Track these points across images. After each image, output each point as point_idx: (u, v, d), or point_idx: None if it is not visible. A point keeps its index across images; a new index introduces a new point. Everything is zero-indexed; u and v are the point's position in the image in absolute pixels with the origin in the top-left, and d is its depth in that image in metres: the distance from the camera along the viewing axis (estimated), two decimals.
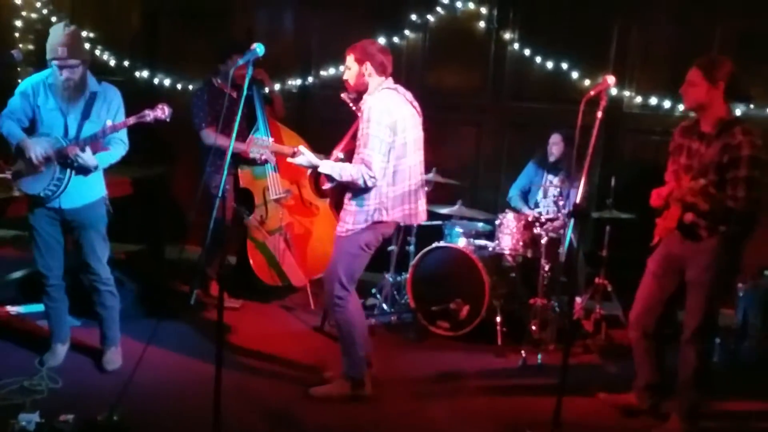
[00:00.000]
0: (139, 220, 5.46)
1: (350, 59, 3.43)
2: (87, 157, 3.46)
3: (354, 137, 3.45)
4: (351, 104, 3.54)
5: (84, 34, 5.81)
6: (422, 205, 3.57)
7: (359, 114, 3.44)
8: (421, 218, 3.59)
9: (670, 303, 3.44)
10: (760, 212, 3.15)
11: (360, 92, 3.45)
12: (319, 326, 4.63)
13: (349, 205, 3.43)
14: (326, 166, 3.35)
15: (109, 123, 3.51)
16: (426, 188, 3.77)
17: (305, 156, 3.38)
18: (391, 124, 3.31)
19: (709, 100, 3.18)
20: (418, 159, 3.51)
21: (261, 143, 3.47)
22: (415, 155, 3.48)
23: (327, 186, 3.44)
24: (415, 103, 3.54)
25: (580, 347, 4.53)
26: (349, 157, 3.46)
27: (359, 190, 3.36)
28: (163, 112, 3.51)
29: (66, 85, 3.47)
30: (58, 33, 3.44)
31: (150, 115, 3.50)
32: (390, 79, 3.48)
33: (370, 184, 3.30)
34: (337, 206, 3.66)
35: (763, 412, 3.82)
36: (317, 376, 3.83)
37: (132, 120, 3.51)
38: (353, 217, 3.40)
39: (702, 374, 3.31)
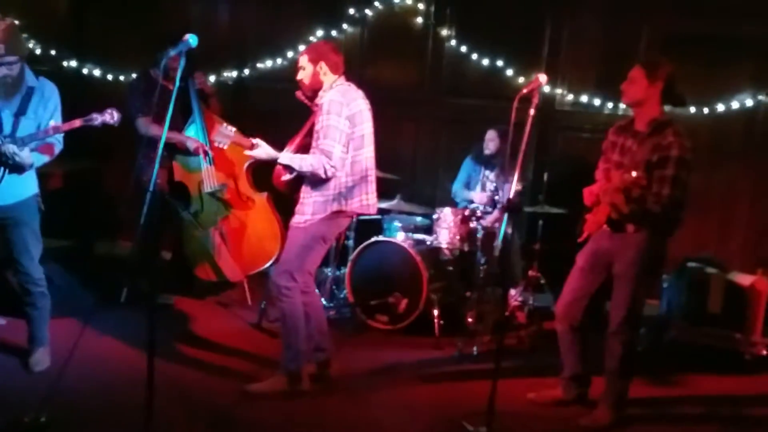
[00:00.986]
0: (68, 214, 5.27)
1: (304, 60, 3.53)
2: (25, 155, 3.32)
3: (308, 135, 3.52)
4: (307, 102, 3.61)
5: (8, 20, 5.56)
6: (374, 197, 3.64)
7: (315, 111, 3.51)
8: (374, 209, 3.67)
9: (596, 296, 3.56)
10: (682, 212, 3.29)
11: (315, 90, 3.54)
12: (256, 322, 4.59)
13: (308, 195, 3.48)
14: (285, 158, 3.42)
15: (52, 123, 3.40)
16: None
17: (263, 148, 3.43)
18: (350, 116, 3.42)
19: (647, 98, 3.30)
20: (371, 152, 3.60)
21: (226, 132, 3.42)
22: (369, 147, 3.57)
23: (286, 177, 3.48)
24: (366, 100, 3.61)
25: (514, 338, 4.64)
26: (302, 153, 3.49)
27: (318, 181, 3.42)
28: (111, 117, 3.41)
29: (3, 82, 3.32)
30: None
31: (98, 119, 3.40)
32: (343, 77, 3.56)
33: (329, 174, 3.37)
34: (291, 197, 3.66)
35: (686, 398, 4.00)
36: (254, 373, 3.79)
37: (78, 122, 3.39)
38: (312, 207, 3.46)
39: (628, 364, 3.44)
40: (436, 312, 4.58)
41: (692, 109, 5.28)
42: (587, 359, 3.64)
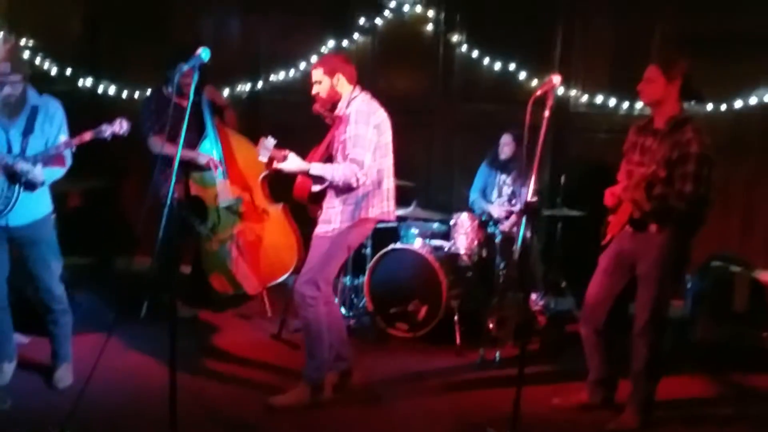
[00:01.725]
0: (86, 232, 5.32)
1: (318, 73, 3.52)
2: (37, 173, 3.36)
3: (327, 148, 3.53)
4: (325, 116, 3.62)
5: (23, 41, 5.64)
6: (393, 204, 3.66)
7: (335, 123, 3.52)
8: (393, 216, 3.69)
9: (621, 298, 3.51)
10: (706, 209, 3.25)
11: (333, 103, 3.55)
12: (276, 334, 4.58)
13: (335, 204, 3.49)
14: (317, 168, 3.42)
15: (63, 139, 3.42)
16: None
17: (294, 160, 3.41)
18: (376, 125, 3.45)
19: (665, 97, 3.27)
20: (391, 160, 3.61)
21: (267, 145, 3.42)
22: (390, 156, 3.59)
23: (316, 188, 3.48)
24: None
25: (537, 343, 4.60)
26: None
27: (344, 190, 3.44)
28: (121, 127, 3.44)
29: (7, 101, 3.36)
30: None
31: (107, 130, 3.42)
32: (358, 87, 3.57)
33: (360, 183, 3.39)
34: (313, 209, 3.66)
35: (713, 398, 3.95)
36: (276, 384, 3.78)
37: (88, 135, 3.42)
38: (340, 216, 3.47)
39: (654, 366, 3.39)
40: (456, 318, 4.55)
41: (710, 106, 5.22)
42: (613, 362, 3.59)
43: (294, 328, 4.59)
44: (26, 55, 5.22)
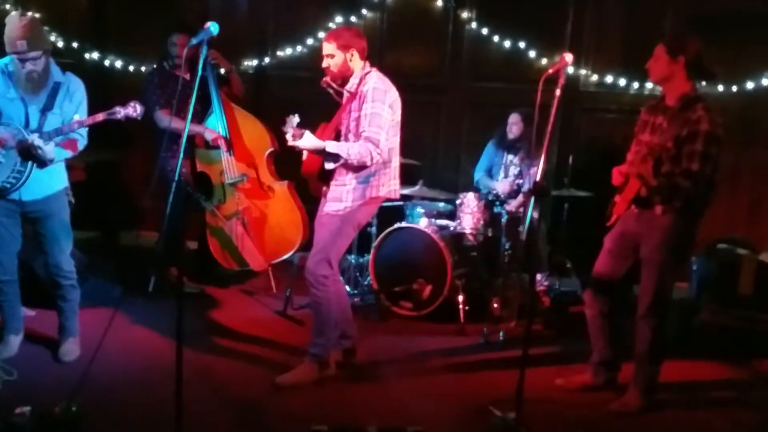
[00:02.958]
0: (92, 206, 5.32)
1: (331, 47, 3.45)
2: (47, 149, 3.34)
3: (336, 126, 3.50)
4: (334, 91, 3.58)
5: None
6: (398, 182, 3.65)
7: (347, 98, 3.49)
8: (398, 195, 3.68)
9: (625, 280, 3.51)
10: (712, 191, 3.22)
11: (345, 78, 3.50)
12: (281, 310, 4.60)
13: (345, 183, 3.47)
14: (333, 146, 3.39)
15: (76, 118, 3.41)
16: None
17: (309, 138, 3.37)
18: (391, 103, 3.42)
19: (671, 74, 3.26)
20: (398, 139, 3.59)
21: (292, 122, 3.40)
22: (398, 134, 3.57)
23: (330, 166, 3.45)
24: None
25: (540, 324, 4.60)
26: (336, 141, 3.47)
27: (356, 168, 3.42)
28: (134, 110, 3.43)
29: (29, 77, 3.34)
30: (14, 25, 3.27)
31: (121, 112, 3.41)
32: (368, 63, 3.53)
33: (375, 161, 3.38)
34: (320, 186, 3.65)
35: (717, 381, 3.95)
36: (281, 360, 3.80)
37: (101, 116, 3.40)
38: (351, 194, 3.46)
39: (657, 348, 3.39)
40: (460, 298, 4.55)
41: (720, 88, 5.17)
42: (616, 344, 3.59)
43: (298, 304, 4.61)
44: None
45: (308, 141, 3.37)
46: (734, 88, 5.19)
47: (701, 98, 3.23)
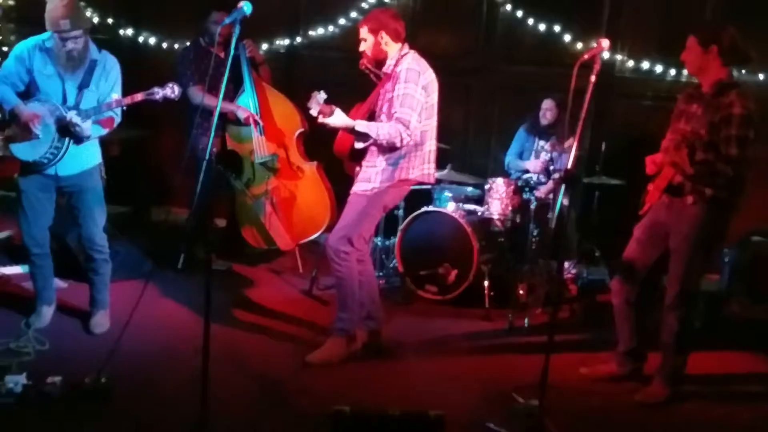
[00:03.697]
0: (124, 181, 5.39)
1: (364, 31, 3.48)
2: (86, 127, 3.40)
3: (371, 104, 3.50)
4: (372, 72, 3.57)
5: None
6: (434, 167, 3.64)
7: (382, 80, 3.47)
8: (433, 179, 3.68)
9: (653, 269, 3.46)
10: (749, 173, 3.16)
11: (380, 61, 3.49)
12: (307, 290, 4.63)
13: (376, 163, 3.47)
14: (362, 126, 3.40)
15: (115, 97, 3.46)
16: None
17: (340, 116, 3.40)
18: (425, 85, 3.41)
19: (704, 64, 3.21)
20: (435, 122, 3.57)
21: (318, 98, 3.41)
22: (434, 117, 3.55)
23: (359, 145, 3.47)
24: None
25: (567, 312, 4.57)
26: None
27: (386, 149, 3.42)
28: (173, 91, 3.48)
29: (69, 56, 3.39)
30: (55, 4, 3.31)
31: (159, 93, 3.46)
32: (406, 45, 3.51)
33: (405, 142, 3.37)
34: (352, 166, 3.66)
35: (744, 375, 3.89)
36: (306, 338, 3.84)
37: (140, 96, 3.45)
38: (380, 175, 3.46)
39: (683, 339, 3.35)
40: (486, 283, 4.54)
41: (761, 76, 5.03)
42: (642, 334, 3.55)
43: (324, 285, 4.63)
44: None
45: (338, 119, 3.38)
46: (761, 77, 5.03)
47: (736, 84, 3.19)
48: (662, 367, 3.43)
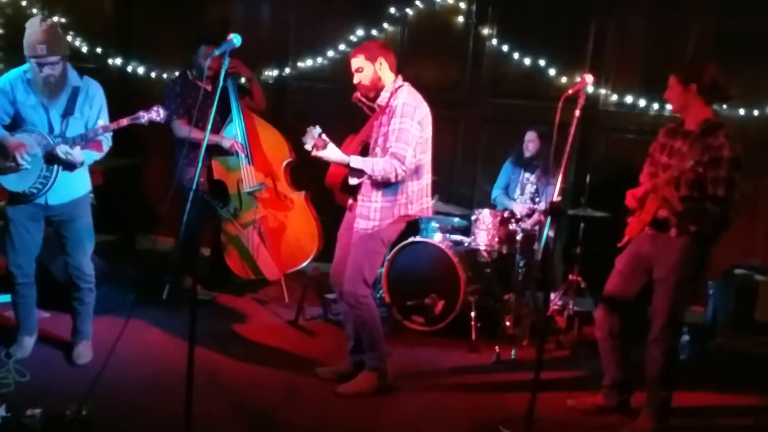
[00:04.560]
0: (110, 210, 5.36)
1: (359, 60, 3.45)
2: (76, 154, 3.40)
3: (365, 137, 3.49)
4: (366, 105, 3.55)
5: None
6: (430, 200, 3.64)
7: (377, 112, 3.47)
8: (431, 212, 3.68)
9: (636, 301, 3.48)
10: (735, 215, 3.20)
11: (377, 90, 3.47)
12: (293, 320, 4.60)
13: (373, 200, 3.44)
14: (357, 162, 3.37)
15: (101, 123, 3.45)
16: None
17: (333, 150, 3.36)
18: (420, 120, 3.40)
19: (686, 102, 3.27)
20: (430, 155, 3.57)
21: (313, 133, 3.40)
22: (429, 151, 3.55)
23: (354, 181, 3.44)
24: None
25: (553, 343, 4.56)
26: (362, 155, 3.47)
27: (384, 186, 3.40)
28: (158, 114, 3.47)
29: (46, 81, 3.37)
30: (34, 29, 3.31)
31: (144, 117, 3.45)
32: (400, 77, 3.52)
33: (400, 178, 3.35)
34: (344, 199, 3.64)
35: (731, 407, 3.89)
36: (290, 370, 3.81)
37: (125, 121, 3.45)
38: (379, 213, 3.43)
39: (669, 372, 3.35)
40: (473, 314, 4.53)
41: (741, 111, 5.13)
42: (628, 366, 3.55)
43: (310, 315, 4.61)
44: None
45: (332, 153, 3.36)
46: (756, 112, 5.14)
47: (722, 125, 3.22)
48: (649, 400, 3.41)
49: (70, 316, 3.77)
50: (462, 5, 5.57)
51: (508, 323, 4.55)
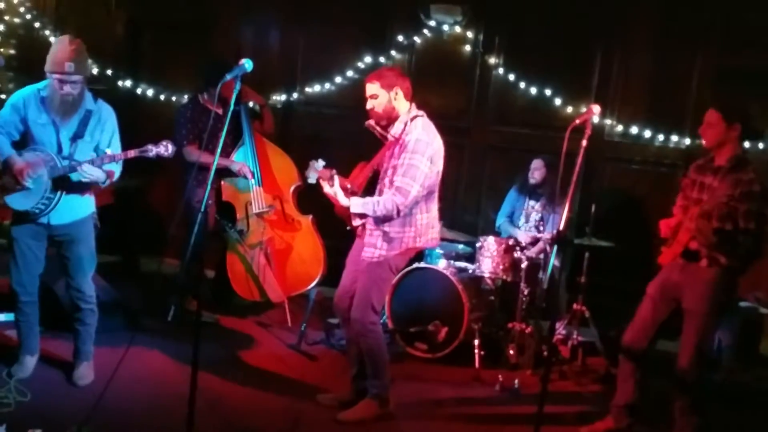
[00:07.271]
0: (116, 230, 5.38)
1: (374, 87, 3.41)
2: (91, 170, 3.38)
3: (375, 167, 3.50)
4: (378, 132, 3.53)
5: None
6: (438, 229, 3.64)
7: (389, 144, 3.45)
8: (438, 242, 3.68)
9: (661, 328, 3.51)
10: (764, 247, 3.25)
11: (391, 119, 3.44)
12: (295, 344, 4.57)
13: (381, 230, 3.43)
14: (358, 206, 3.34)
15: (108, 152, 3.45)
16: None
17: (339, 191, 3.36)
18: (432, 155, 3.37)
19: (725, 139, 3.33)
20: (438, 185, 3.55)
21: (316, 166, 3.41)
22: (438, 182, 3.53)
23: (357, 223, 3.45)
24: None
25: (557, 373, 4.53)
26: (371, 183, 3.50)
27: (391, 217, 3.38)
28: (166, 149, 3.46)
29: (64, 100, 3.38)
30: (64, 46, 3.34)
31: (152, 150, 3.45)
32: (414, 105, 3.50)
33: (401, 214, 3.34)
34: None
35: None
36: (291, 395, 3.78)
37: (133, 153, 3.45)
38: (387, 243, 3.42)
39: (700, 400, 3.38)
40: (476, 342, 4.51)
41: (746, 144, 5.13)
42: (642, 390, 3.57)
43: (312, 340, 4.59)
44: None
45: (338, 196, 3.35)
46: (761, 145, 5.15)
47: (749, 160, 3.32)
48: (680, 428, 3.41)
49: (72, 337, 3.75)
50: (469, 34, 5.63)
51: (511, 352, 4.52)
